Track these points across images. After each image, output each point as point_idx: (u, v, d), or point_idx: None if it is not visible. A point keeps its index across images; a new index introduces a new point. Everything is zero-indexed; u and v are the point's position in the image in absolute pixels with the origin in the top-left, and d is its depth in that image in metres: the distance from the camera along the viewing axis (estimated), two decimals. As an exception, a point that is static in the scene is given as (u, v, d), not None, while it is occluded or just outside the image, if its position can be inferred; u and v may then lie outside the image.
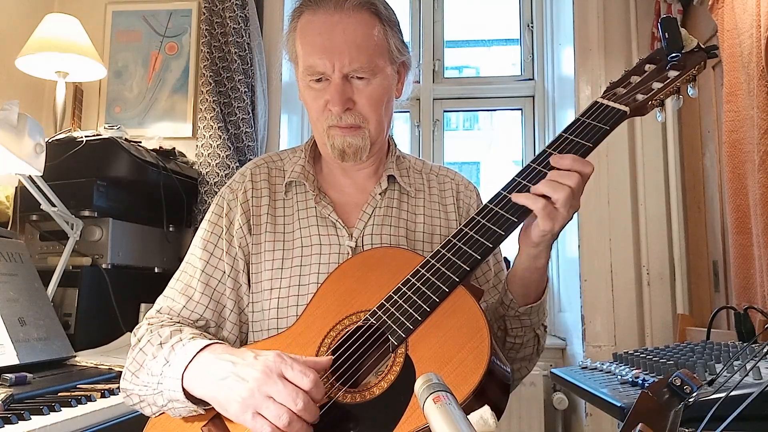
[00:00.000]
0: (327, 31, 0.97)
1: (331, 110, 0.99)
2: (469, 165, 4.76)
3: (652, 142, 2.30)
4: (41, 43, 2.06)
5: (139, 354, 0.93)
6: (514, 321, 0.98)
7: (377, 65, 0.99)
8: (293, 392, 0.76)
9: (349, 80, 0.98)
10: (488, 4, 3.23)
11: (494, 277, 1.11)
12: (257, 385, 0.77)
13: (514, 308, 0.96)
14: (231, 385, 0.80)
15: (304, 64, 1.00)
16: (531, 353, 1.04)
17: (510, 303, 0.96)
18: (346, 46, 0.96)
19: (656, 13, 2.24)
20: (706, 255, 2.05)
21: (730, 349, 1.17)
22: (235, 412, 0.79)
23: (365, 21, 0.99)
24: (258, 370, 0.78)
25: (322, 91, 1.00)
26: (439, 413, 0.49)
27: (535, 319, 0.99)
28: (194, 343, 0.88)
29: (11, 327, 1.44)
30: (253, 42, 2.39)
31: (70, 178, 1.85)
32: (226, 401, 0.80)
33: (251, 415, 0.77)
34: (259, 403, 0.77)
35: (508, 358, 0.99)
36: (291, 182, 1.09)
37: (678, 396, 0.64)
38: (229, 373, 0.81)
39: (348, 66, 0.97)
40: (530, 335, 1.00)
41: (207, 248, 1.04)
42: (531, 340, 1.02)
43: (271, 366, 0.78)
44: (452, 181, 1.16)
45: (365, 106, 1.00)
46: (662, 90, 0.92)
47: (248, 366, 0.80)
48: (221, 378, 0.81)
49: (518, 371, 1.05)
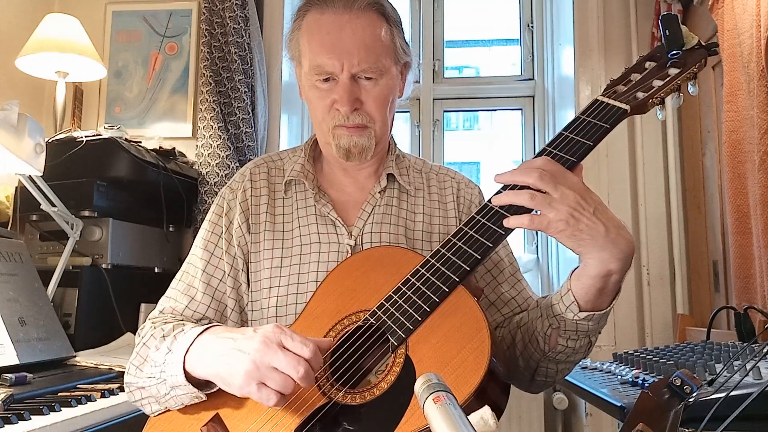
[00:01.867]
0: (336, 30, 0.97)
1: (339, 110, 0.99)
2: (469, 165, 4.76)
3: (652, 142, 2.30)
4: (41, 43, 2.06)
5: (143, 348, 0.94)
6: (570, 325, 0.88)
7: (384, 66, 0.99)
8: (294, 360, 0.76)
9: (356, 80, 0.98)
10: (488, 4, 3.23)
11: (510, 266, 1.08)
12: (259, 356, 0.78)
13: (573, 312, 0.86)
14: (232, 360, 0.80)
15: (312, 63, 0.99)
16: (580, 359, 0.95)
17: (570, 305, 0.86)
18: (355, 47, 0.96)
19: (656, 13, 2.24)
20: (706, 255, 2.05)
21: (730, 349, 1.17)
22: (239, 384, 0.79)
23: (373, 21, 0.99)
24: (258, 341, 0.79)
25: (328, 90, 0.99)
26: (440, 413, 0.49)
27: (594, 328, 0.88)
28: (196, 329, 0.90)
29: (11, 327, 1.44)
30: (253, 42, 2.39)
31: (70, 178, 1.85)
32: (228, 375, 0.81)
33: (256, 386, 0.78)
34: (263, 374, 0.77)
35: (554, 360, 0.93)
36: (290, 181, 1.09)
37: (678, 396, 0.64)
38: (230, 348, 0.81)
39: (357, 66, 0.97)
40: (584, 342, 0.91)
41: (208, 248, 1.05)
42: (584, 347, 0.92)
43: (270, 336, 0.79)
44: (453, 179, 1.15)
45: (372, 107, 1.00)
46: (663, 88, 0.92)
47: (248, 339, 0.81)
48: (222, 354, 0.82)
49: (560, 372, 0.97)
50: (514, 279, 1.08)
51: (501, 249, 1.09)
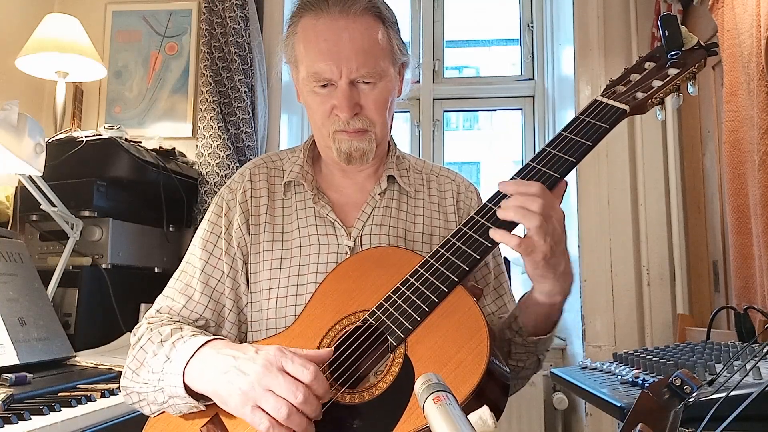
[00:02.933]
0: (333, 36, 0.96)
1: (339, 116, 0.98)
2: (469, 165, 4.76)
3: (652, 142, 2.30)
4: (41, 43, 2.06)
5: (140, 352, 0.93)
6: (519, 347, 0.97)
7: (383, 69, 0.99)
8: (293, 385, 0.76)
9: (355, 85, 0.98)
10: (488, 4, 3.23)
11: (494, 280, 1.10)
12: (257, 378, 0.77)
13: (522, 336, 0.95)
14: (232, 378, 0.80)
15: (309, 70, 0.98)
16: (530, 374, 1.04)
17: (518, 330, 0.95)
18: (353, 53, 0.95)
19: (656, 13, 2.24)
20: (706, 255, 2.05)
21: (730, 349, 1.16)
22: (235, 405, 0.79)
23: (370, 25, 0.98)
24: (259, 363, 0.79)
25: (327, 96, 0.99)
26: (439, 413, 0.49)
27: (542, 348, 0.98)
28: (196, 340, 0.89)
29: (11, 327, 1.44)
30: (253, 42, 2.39)
31: (70, 178, 1.85)
32: (226, 394, 0.80)
33: (250, 408, 0.77)
34: (258, 396, 0.77)
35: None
36: (290, 182, 1.09)
37: (678, 396, 0.64)
38: (230, 366, 0.81)
39: (355, 72, 0.96)
40: (533, 359, 1.00)
41: (206, 248, 1.05)
42: (533, 364, 1.01)
43: (271, 359, 0.79)
44: (453, 182, 1.15)
45: (372, 110, 1.00)
46: (662, 88, 0.92)
47: (249, 360, 0.80)
48: (222, 372, 0.81)
49: (513, 387, 1.05)
50: (497, 294, 1.09)
51: (490, 258, 1.09)
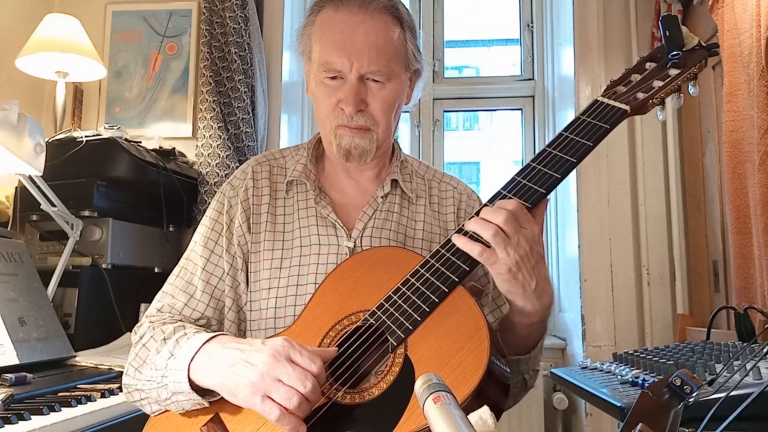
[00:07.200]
0: (349, 29, 0.97)
1: (343, 109, 0.98)
2: (469, 165, 4.76)
3: (652, 142, 2.30)
4: (41, 43, 2.06)
5: (142, 350, 0.94)
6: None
7: (394, 70, 0.99)
8: (302, 375, 0.77)
9: (364, 81, 0.98)
10: (488, 4, 3.23)
11: (493, 290, 1.08)
12: (266, 369, 0.78)
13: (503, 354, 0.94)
14: (239, 371, 0.80)
15: (321, 60, 0.99)
16: (516, 393, 1.02)
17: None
18: (366, 47, 0.96)
19: (656, 13, 2.24)
20: (706, 255, 2.05)
21: (730, 349, 1.16)
22: (244, 396, 0.80)
23: (387, 24, 0.99)
24: (266, 354, 0.79)
25: (335, 89, 0.99)
26: (440, 413, 0.49)
27: (524, 368, 0.97)
28: (200, 336, 0.89)
29: (11, 327, 1.44)
30: (253, 42, 2.39)
31: (70, 178, 1.85)
32: (234, 386, 0.81)
33: (260, 398, 0.78)
34: (268, 386, 0.77)
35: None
36: (292, 181, 1.09)
37: (678, 396, 0.64)
38: (238, 359, 0.81)
39: (366, 67, 0.96)
40: (518, 378, 0.99)
41: (208, 245, 1.05)
42: (519, 383, 1.00)
43: (279, 350, 0.79)
44: (455, 189, 1.15)
45: (377, 110, 1.00)
46: (663, 88, 0.92)
47: (256, 351, 0.81)
48: (230, 365, 0.82)
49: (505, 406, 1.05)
50: (495, 305, 1.09)
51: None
